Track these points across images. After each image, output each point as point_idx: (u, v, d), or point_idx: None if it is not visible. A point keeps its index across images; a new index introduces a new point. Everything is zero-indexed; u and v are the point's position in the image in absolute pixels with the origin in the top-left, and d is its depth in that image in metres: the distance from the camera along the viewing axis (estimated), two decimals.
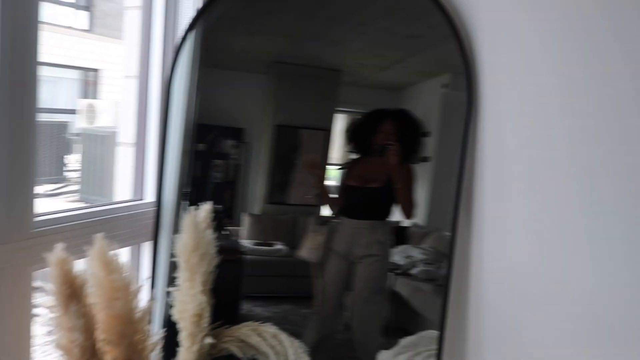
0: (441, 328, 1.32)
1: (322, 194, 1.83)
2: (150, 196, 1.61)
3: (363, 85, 2.74)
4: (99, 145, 7.61)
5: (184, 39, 1.74)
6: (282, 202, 3.04)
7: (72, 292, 0.81)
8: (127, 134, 1.60)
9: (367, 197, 1.68)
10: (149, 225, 1.57)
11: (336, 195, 1.77)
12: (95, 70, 13.29)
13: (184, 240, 0.82)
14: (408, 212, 1.64)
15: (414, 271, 1.99)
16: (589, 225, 0.98)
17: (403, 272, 2.00)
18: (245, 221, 2.67)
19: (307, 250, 1.72)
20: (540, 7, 1.12)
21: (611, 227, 0.97)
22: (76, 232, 1.17)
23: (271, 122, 3.06)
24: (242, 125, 3.24)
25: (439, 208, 2.76)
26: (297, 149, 3.16)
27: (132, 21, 1.53)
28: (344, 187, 1.75)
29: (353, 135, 1.83)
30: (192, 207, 0.96)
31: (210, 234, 0.88)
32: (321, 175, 1.74)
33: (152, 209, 1.61)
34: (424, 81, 3.00)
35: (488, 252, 1.05)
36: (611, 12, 0.98)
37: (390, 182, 1.58)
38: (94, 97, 12.40)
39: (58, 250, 0.84)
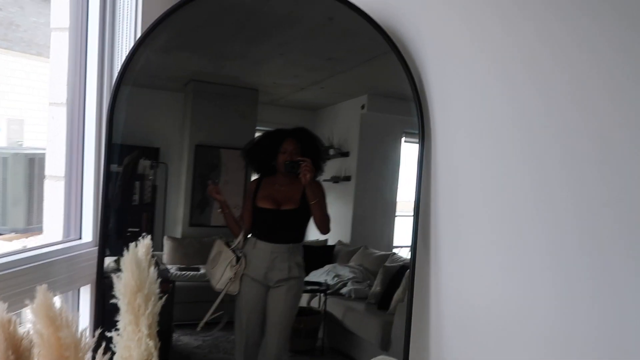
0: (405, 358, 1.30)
1: (228, 221, 1.75)
2: (88, 234, 1.47)
3: (281, 105, 2.78)
4: None
5: (127, 63, 1.65)
6: (204, 224, 2.97)
7: (17, 357, 0.71)
8: (55, 166, 1.44)
9: (283, 220, 1.64)
10: (89, 267, 1.44)
11: (243, 221, 1.71)
12: None
13: (126, 280, 0.75)
14: (325, 227, 1.64)
15: (344, 290, 2.03)
16: (548, 250, 1.04)
17: (333, 291, 2.04)
18: (166, 245, 2.57)
19: (225, 281, 1.61)
20: (487, 35, 1.18)
21: (570, 252, 1.04)
22: (9, 281, 1.04)
23: (190, 142, 2.98)
24: (158, 145, 3.12)
25: (362, 226, 2.86)
26: (217, 169, 3.11)
27: (58, 43, 1.41)
28: (255, 209, 1.69)
29: (252, 156, 1.82)
30: (132, 244, 0.89)
31: (153, 272, 0.82)
32: (223, 200, 1.70)
33: (92, 248, 1.49)
34: (341, 102, 3.11)
35: (446, 281, 1.06)
36: (554, 40, 1.07)
37: (305, 202, 1.59)
38: None
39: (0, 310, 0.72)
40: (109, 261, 1.71)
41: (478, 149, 1.13)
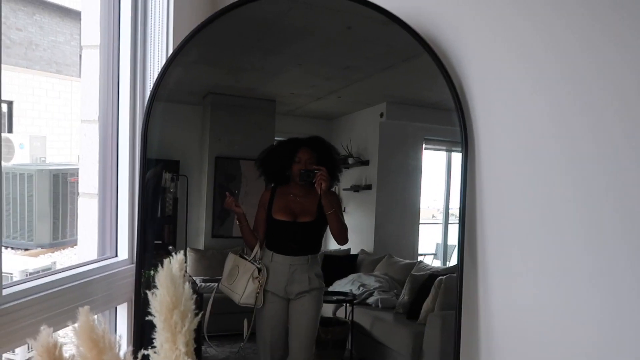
0: None
1: (244, 232, 1.71)
2: (124, 252, 1.47)
3: (298, 115, 2.78)
4: (19, 184, 6.91)
5: (161, 79, 1.67)
6: (225, 235, 2.98)
7: None
8: (89, 183, 1.43)
9: (301, 232, 1.60)
10: (126, 285, 1.44)
11: (258, 233, 1.67)
12: (6, 102, 12.27)
13: (161, 297, 0.74)
14: (343, 238, 1.61)
15: (370, 300, 2.01)
16: (596, 264, 1.01)
17: (360, 301, 2.02)
18: (189, 257, 2.58)
19: (250, 295, 1.56)
20: (531, 52, 1.17)
21: (618, 266, 1.02)
22: (49, 302, 1.04)
23: (210, 154, 3.00)
24: (178, 157, 3.15)
25: (385, 234, 2.85)
26: (236, 180, 3.12)
27: (89, 61, 1.42)
28: (272, 221, 1.65)
29: (266, 165, 1.77)
30: (166, 260, 0.86)
31: (188, 288, 0.81)
32: (241, 213, 1.66)
33: (129, 266, 1.49)
34: (359, 110, 3.11)
35: (494, 289, 1.04)
36: (599, 55, 1.06)
37: (322, 213, 1.53)
38: (8, 131, 11.36)
39: (45, 335, 0.69)
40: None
41: (521, 156, 1.13)
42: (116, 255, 1.43)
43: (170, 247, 1.75)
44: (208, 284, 2.33)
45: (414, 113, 3.12)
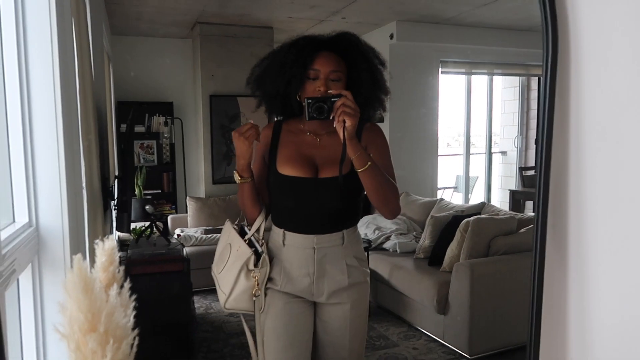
0: None
1: (245, 195, 0.93)
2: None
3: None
4: None
5: None
6: (228, 180, 2.78)
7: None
8: None
9: (327, 195, 0.91)
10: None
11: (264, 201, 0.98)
12: None
13: (71, 313, 0.41)
14: (391, 206, 0.89)
15: (387, 245, 1.81)
16: None
17: (375, 246, 1.83)
18: (190, 207, 2.40)
19: (237, 297, 0.94)
20: None
21: None
22: None
23: (203, 93, 2.73)
24: (171, 99, 2.89)
25: (401, 169, 2.62)
26: (237, 119, 2.88)
27: None
28: (278, 178, 0.93)
29: (262, 85, 0.94)
30: (76, 256, 0.48)
31: (114, 297, 0.44)
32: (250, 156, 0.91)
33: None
34: (366, 32, 2.78)
35: (598, 299, 0.59)
36: None
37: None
38: None
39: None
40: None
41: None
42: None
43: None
44: (210, 235, 2.16)
45: (428, 32, 2.76)
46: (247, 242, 0.94)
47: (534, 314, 0.52)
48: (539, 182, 0.53)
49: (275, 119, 0.98)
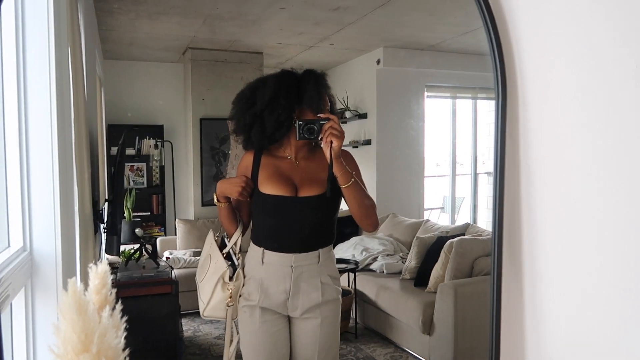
0: None
1: (222, 214, 1.04)
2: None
3: (289, 67, 2.49)
4: None
5: None
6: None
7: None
8: None
9: (305, 213, 0.98)
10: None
11: (241, 218, 1.04)
12: None
13: (65, 334, 0.44)
14: (371, 220, 0.97)
15: (374, 266, 1.84)
16: None
17: (363, 267, 1.85)
18: (179, 229, 2.41)
19: (214, 306, 1.02)
20: None
21: None
22: None
23: (193, 116, 2.78)
24: (161, 121, 2.93)
25: (388, 191, 2.66)
26: (227, 140, 2.91)
27: None
28: (259, 198, 0.98)
29: (242, 121, 0.99)
30: (70, 280, 0.50)
31: (106, 319, 0.47)
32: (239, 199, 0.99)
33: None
34: (353, 58, 2.85)
35: (547, 297, 0.65)
36: None
37: (335, 184, 0.93)
38: None
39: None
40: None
41: (589, 111, 0.60)
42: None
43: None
44: (199, 257, 2.16)
45: (414, 57, 2.84)
46: (225, 255, 1.03)
47: (494, 320, 0.59)
48: (494, 211, 0.60)
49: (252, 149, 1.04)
